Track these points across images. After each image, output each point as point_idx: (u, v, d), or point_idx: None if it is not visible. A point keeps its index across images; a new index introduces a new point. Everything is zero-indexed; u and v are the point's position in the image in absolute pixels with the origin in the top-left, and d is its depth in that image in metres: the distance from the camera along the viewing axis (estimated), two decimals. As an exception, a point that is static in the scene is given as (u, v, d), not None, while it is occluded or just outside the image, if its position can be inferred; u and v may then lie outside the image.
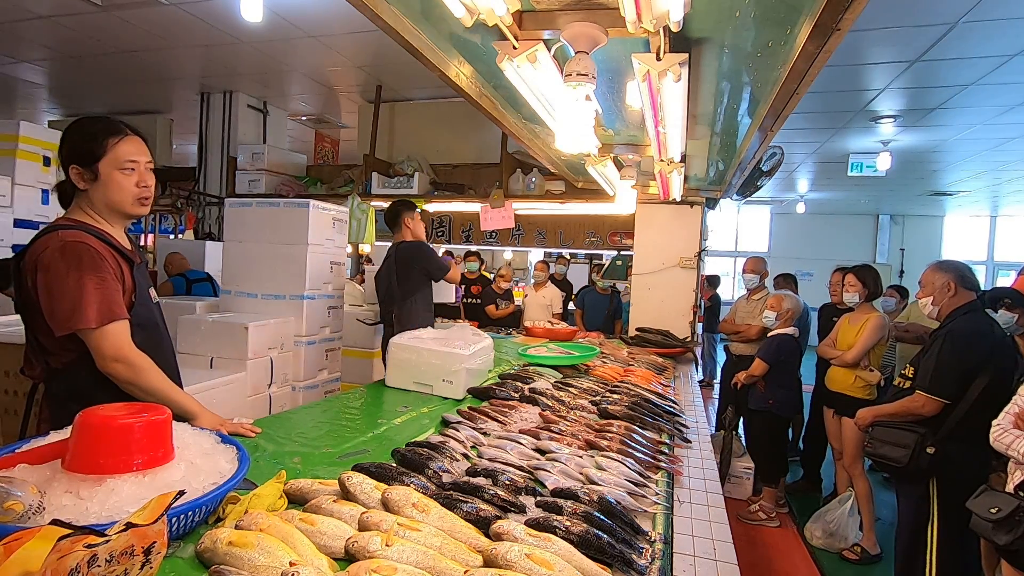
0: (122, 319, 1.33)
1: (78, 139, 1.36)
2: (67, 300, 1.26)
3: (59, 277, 1.26)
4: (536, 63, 1.60)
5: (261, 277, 3.15)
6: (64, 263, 1.27)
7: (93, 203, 1.39)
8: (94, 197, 1.38)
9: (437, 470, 1.28)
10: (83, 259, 1.28)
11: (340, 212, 3.39)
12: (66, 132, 1.39)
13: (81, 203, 1.39)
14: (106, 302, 1.29)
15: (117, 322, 1.31)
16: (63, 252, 1.27)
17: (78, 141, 1.36)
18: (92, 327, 1.27)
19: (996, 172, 7.73)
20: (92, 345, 1.30)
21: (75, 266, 1.27)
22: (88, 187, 1.37)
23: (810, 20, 1.39)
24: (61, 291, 1.26)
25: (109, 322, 1.29)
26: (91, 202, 1.39)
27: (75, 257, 1.28)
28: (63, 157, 1.37)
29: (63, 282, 1.26)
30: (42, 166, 3.60)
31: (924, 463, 2.30)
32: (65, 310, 1.26)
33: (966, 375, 2.25)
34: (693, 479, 1.61)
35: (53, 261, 1.27)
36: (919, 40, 3.71)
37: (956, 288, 2.39)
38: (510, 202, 5.11)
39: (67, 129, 1.39)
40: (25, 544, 0.66)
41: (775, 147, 4.74)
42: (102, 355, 1.30)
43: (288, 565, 0.82)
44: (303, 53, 4.87)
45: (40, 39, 4.79)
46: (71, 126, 1.39)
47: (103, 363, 1.31)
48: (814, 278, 11.33)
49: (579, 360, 2.79)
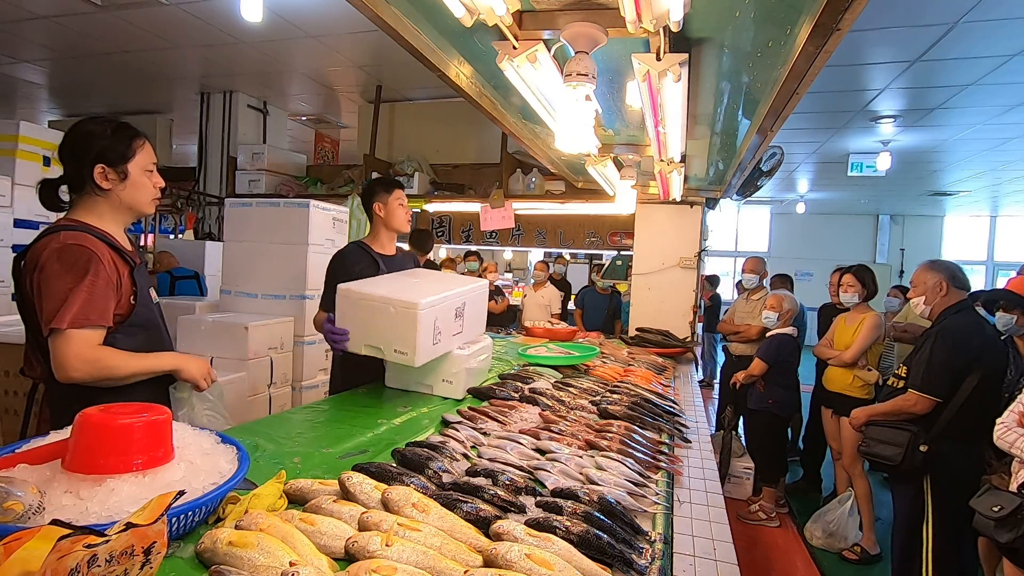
0: (96, 327, 1.29)
1: (108, 139, 1.37)
2: (54, 301, 1.25)
3: (51, 278, 1.27)
4: (536, 63, 1.60)
5: (261, 277, 3.15)
6: (59, 264, 1.27)
7: (111, 203, 1.40)
8: (116, 197, 1.39)
9: (437, 470, 1.28)
10: (78, 262, 1.28)
11: (340, 212, 3.39)
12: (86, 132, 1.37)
13: (89, 203, 1.39)
14: (85, 308, 1.26)
15: (89, 329, 1.27)
16: (60, 254, 1.28)
17: (109, 141, 1.37)
18: (62, 328, 1.23)
19: (996, 172, 7.73)
20: (54, 349, 1.25)
21: (68, 268, 1.27)
22: (112, 187, 1.38)
23: (810, 20, 1.39)
24: (50, 292, 1.26)
25: (80, 327, 1.25)
26: (109, 202, 1.39)
27: (70, 260, 1.28)
28: (82, 156, 1.35)
29: (54, 283, 1.26)
30: (42, 166, 3.60)
31: (918, 461, 2.31)
32: (50, 311, 1.25)
33: (957, 373, 2.27)
34: (693, 479, 1.61)
35: (49, 262, 1.27)
36: (919, 40, 3.71)
37: (948, 288, 2.41)
38: (510, 202, 5.12)
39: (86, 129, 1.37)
40: (25, 544, 0.66)
41: (775, 147, 4.74)
42: (60, 361, 1.25)
43: (288, 565, 0.82)
44: (303, 53, 4.87)
45: (40, 39, 4.79)
46: (88, 126, 1.37)
47: (61, 371, 1.25)
48: (814, 278, 11.34)
49: (579, 360, 2.79)
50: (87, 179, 1.36)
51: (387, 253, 2.47)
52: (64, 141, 1.38)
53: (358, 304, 1.85)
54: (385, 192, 2.43)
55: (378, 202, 2.43)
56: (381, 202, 2.43)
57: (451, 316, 2.00)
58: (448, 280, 2.21)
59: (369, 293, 1.85)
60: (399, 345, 1.81)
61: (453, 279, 2.27)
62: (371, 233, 2.50)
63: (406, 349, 1.80)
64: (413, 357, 1.79)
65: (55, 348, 1.25)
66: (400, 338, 1.80)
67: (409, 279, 2.10)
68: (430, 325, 1.84)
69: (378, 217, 2.45)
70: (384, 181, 2.49)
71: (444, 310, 1.94)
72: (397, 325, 1.79)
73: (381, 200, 2.43)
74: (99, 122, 1.39)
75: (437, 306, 1.88)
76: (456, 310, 2.04)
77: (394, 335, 1.81)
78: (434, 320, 1.86)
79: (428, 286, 1.99)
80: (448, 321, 1.98)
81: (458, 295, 2.05)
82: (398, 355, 1.81)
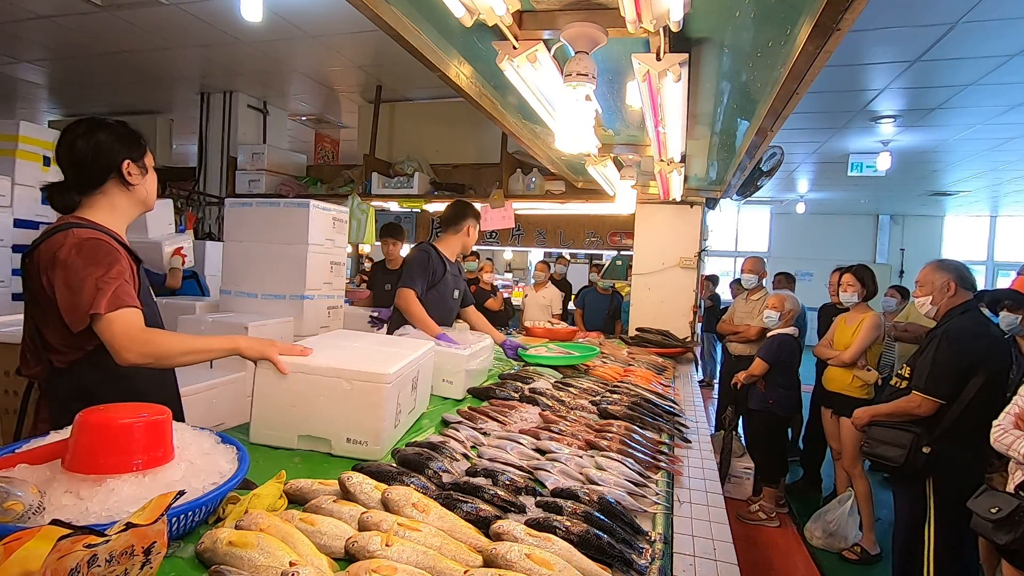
0: (133, 307, 1.31)
1: (128, 137, 1.41)
2: (86, 294, 1.27)
3: (78, 272, 1.27)
4: (536, 63, 1.60)
5: (261, 277, 3.14)
6: (81, 258, 1.28)
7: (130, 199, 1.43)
8: (139, 191, 1.44)
9: (437, 470, 1.28)
10: (100, 255, 1.30)
11: (340, 212, 3.39)
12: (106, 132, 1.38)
13: (101, 202, 1.40)
14: (119, 292, 1.30)
15: (126, 309, 1.29)
16: (80, 248, 1.28)
17: (131, 138, 1.41)
18: (101, 312, 1.25)
19: (996, 172, 7.73)
20: (102, 336, 1.27)
21: (92, 260, 1.28)
22: (138, 182, 1.42)
23: (810, 20, 1.39)
24: (80, 286, 1.27)
25: (116, 309, 1.27)
26: (128, 198, 1.43)
27: (92, 252, 1.29)
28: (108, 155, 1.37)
29: (81, 275, 1.27)
30: (42, 166, 3.60)
31: (920, 462, 2.31)
32: (84, 303, 1.27)
33: (961, 375, 2.25)
34: (693, 479, 1.61)
35: (71, 257, 1.28)
36: (919, 40, 3.71)
37: (956, 288, 2.39)
38: (510, 202, 5.12)
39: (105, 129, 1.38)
40: (25, 544, 0.67)
41: (775, 147, 4.74)
42: (111, 345, 1.26)
43: (288, 565, 0.82)
44: (303, 53, 4.87)
45: (40, 39, 4.79)
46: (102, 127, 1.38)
47: (115, 355, 1.27)
48: (814, 278, 11.33)
49: (579, 360, 2.79)
50: (109, 178, 1.39)
51: (452, 261, 2.87)
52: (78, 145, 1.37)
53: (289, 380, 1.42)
54: (477, 221, 2.88)
55: (471, 226, 2.86)
56: (474, 227, 2.87)
57: (408, 389, 1.60)
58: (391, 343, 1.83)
59: (309, 364, 1.42)
60: (354, 432, 1.40)
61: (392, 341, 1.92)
62: (446, 243, 2.86)
63: (365, 437, 1.40)
64: (376, 447, 1.40)
65: (102, 335, 1.27)
66: (357, 423, 1.40)
67: (344, 341, 1.73)
68: (393, 402, 1.45)
69: (465, 235, 2.86)
70: (478, 212, 2.92)
71: (403, 382, 1.53)
72: (353, 405, 1.39)
73: (474, 226, 2.87)
74: (110, 124, 1.41)
75: (399, 377, 1.48)
76: (413, 381, 1.64)
77: (347, 419, 1.40)
78: (397, 396, 1.47)
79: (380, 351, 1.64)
80: (406, 396, 1.57)
81: (413, 362, 1.63)
82: (352, 446, 1.41)
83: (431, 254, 2.73)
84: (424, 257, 2.71)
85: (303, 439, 1.43)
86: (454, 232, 2.85)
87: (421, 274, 2.67)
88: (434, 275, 2.71)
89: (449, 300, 2.85)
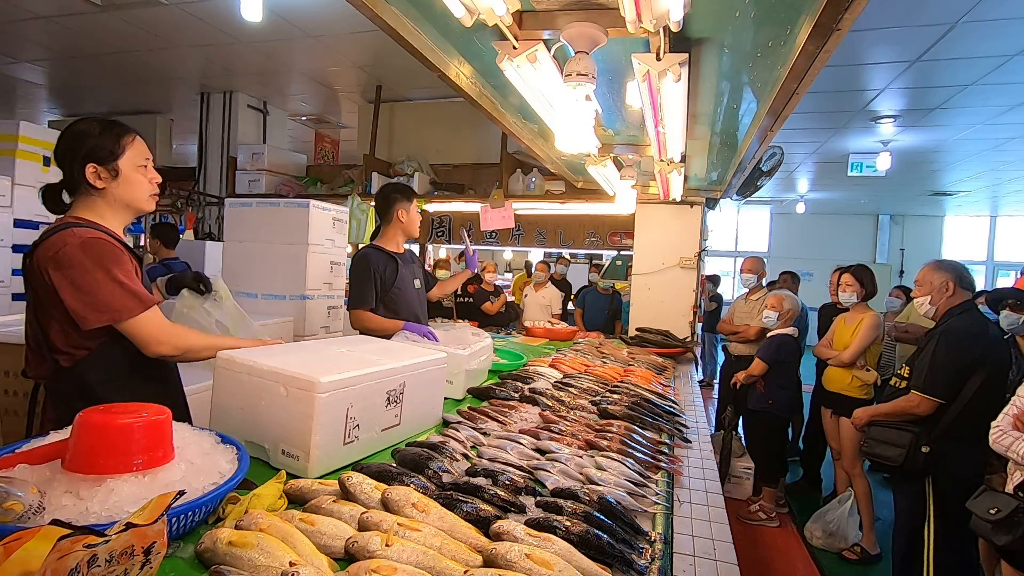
0: (154, 304, 1.38)
1: (95, 138, 1.37)
2: (101, 294, 1.27)
3: (85, 272, 1.27)
4: (536, 63, 1.60)
5: (261, 277, 3.15)
6: (88, 258, 1.27)
7: (108, 201, 1.40)
8: (111, 195, 1.39)
9: (437, 470, 1.28)
10: (105, 253, 1.30)
11: (340, 212, 3.39)
12: (75, 133, 1.37)
13: (88, 203, 1.39)
14: (138, 292, 1.34)
15: (153, 307, 1.37)
16: (85, 248, 1.28)
17: (97, 140, 1.37)
18: (136, 314, 1.32)
19: (996, 172, 7.73)
20: (136, 334, 1.34)
21: (99, 260, 1.28)
22: (106, 185, 1.38)
23: (810, 20, 1.39)
24: (91, 286, 1.27)
25: (145, 309, 1.34)
26: (106, 200, 1.40)
27: (98, 252, 1.29)
28: (73, 157, 1.36)
29: (91, 276, 1.27)
30: (42, 166, 3.60)
31: (919, 462, 2.31)
32: (100, 303, 1.27)
33: (960, 374, 2.26)
34: (693, 479, 1.61)
35: (75, 256, 1.27)
36: (919, 40, 3.71)
37: (955, 288, 2.39)
38: (510, 202, 5.11)
39: (76, 130, 1.37)
40: (25, 544, 0.66)
41: (775, 147, 4.73)
42: (147, 341, 1.35)
43: (288, 565, 0.82)
44: (303, 53, 4.88)
45: (40, 39, 4.80)
46: (77, 127, 1.38)
47: (150, 348, 1.36)
48: (814, 278, 11.32)
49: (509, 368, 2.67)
50: (80, 180, 1.37)
51: (400, 252, 2.66)
52: (58, 144, 1.38)
53: (239, 379, 1.32)
54: (407, 200, 2.63)
55: (402, 208, 2.61)
56: (404, 209, 2.62)
57: (379, 402, 1.43)
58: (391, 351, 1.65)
59: (255, 364, 1.30)
60: (288, 444, 1.25)
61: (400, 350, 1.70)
62: (385, 236, 2.66)
63: (298, 451, 1.24)
64: (306, 464, 1.23)
65: (133, 330, 1.34)
66: (290, 434, 1.24)
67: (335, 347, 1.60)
68: (339, 415, 1.28)
69: (399, 222, 2.62)
70: (407, 189, 2.69)
71: (364, 394, 1.36)
72: (287, 413, 1.24)
73: (404, 207, 2.62)
74: (88, 122, 1.39)
75: (352, 387, 1.31)
76: (388, 394, 1.46)
77: (282, 429, 1.25)
78: (347, 408, 1.30)
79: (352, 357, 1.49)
80: (373, 409, 1.41)
81: (391, 372, 1.45)
82: (285, 459, 1.26)
83: (370, 257, 2.52)
84: (363, 266, 2.50)
85: (248, 445, 1.28)
86: (387, 223, 2.64)
87: (366, 285, 2.48)
88: (384, 276, 2.51)
89: (411, 291, 2.66)
